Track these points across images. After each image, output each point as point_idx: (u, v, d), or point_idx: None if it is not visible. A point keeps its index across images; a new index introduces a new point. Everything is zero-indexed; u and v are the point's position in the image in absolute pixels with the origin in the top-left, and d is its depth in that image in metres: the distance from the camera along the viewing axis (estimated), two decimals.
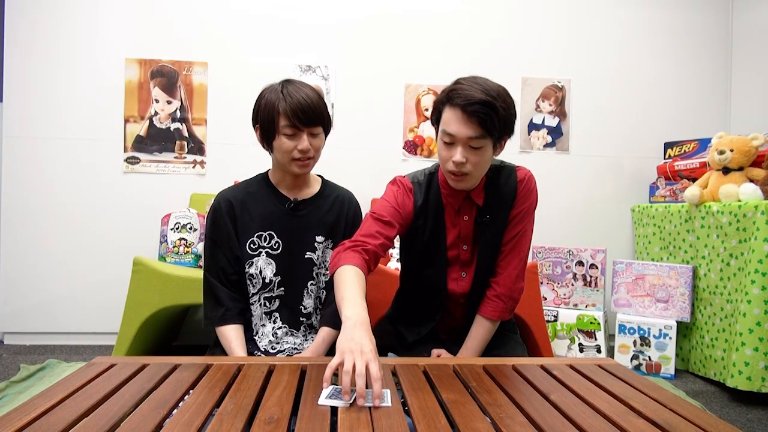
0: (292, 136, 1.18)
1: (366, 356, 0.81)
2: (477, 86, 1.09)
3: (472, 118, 1.09)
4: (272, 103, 1.18)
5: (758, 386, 1.91)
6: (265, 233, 1.26)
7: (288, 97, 1.17)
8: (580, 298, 2.54)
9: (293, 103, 1.16)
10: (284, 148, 1.19)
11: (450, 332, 1.37)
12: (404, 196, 1.24)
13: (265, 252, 1.26)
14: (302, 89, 1.20)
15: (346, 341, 0.85)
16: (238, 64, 2.70)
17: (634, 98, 2.91)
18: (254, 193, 1.29)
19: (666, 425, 0.74)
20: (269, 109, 1.18)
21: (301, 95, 1.17)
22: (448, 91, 1.14)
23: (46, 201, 2.59)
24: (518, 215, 1.26)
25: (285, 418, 0.73)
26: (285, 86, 1.19)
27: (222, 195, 1.29)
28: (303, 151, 1.19)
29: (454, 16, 2.81)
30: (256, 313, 1.26)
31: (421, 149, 2.81)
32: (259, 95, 1.23)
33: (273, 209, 1.27)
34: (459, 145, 1.12)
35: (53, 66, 2.59)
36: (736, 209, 2.09)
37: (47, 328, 2.60)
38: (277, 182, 1.30)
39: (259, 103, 1.22)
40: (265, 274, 1.25)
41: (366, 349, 0.83)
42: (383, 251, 1.18)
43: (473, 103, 1.08)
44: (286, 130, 1.17)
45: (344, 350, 0.83)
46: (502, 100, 1.10)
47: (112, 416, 0.72)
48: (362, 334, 0.87)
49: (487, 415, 0.76)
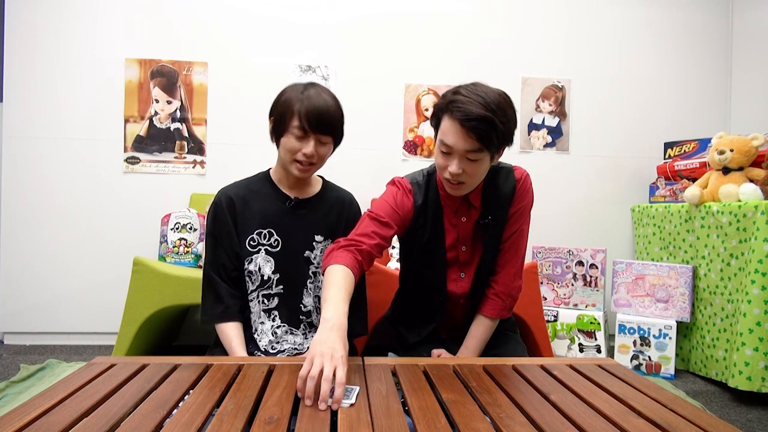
0: (300, 138, 1.20)
1: (335, 361, 0.82)
2: (477, 98, 1.06)
3: (470, 133, 1.07)
4: (290, 101, 1.20)
5: (758, 386, 1.91)
6: (265, 230, 1.26)
7: (306, 99, 1.19)
8: (580, 298, 2.54)
9: (309, 107, 1.17)
10: (289, 147, 1.21)
11: (451, 332, 1.37)
12: (403, 196, 1.24)
13: (264, 249, 1.26)
14: (323, 95, 1.21)
15: (318, 344, 0.86)
16: (238, 64, 2.70)
17: (634, 98, 2.91)
18: (255, 191, 1.30)
19: (666, 425, 0.74)
20: (286, 106, 1.20)
21: (320, 101, 1.19)
22: (448, 100, 1.11)
23: (46, 201, 2.60)
24: (515, 214, 1.26)
25: (285, 418, 0.73)
26: (307, 88, 1.22)
27: (223, 191, 1.29)
28: (307, 156, 1.20)
29: (454, 16, 2.81)
30: (255, 310, 1.26)
31: (421, 149, 2.81)
32: (283, 90, 1.25)
33: (273, 207, 1.28)
34: (456, 156, 1.11)
35: (53, 66, 2.59)
36: (736, 209, 2.09)
37: (47, 328, 2.60)
38: (278, 180, 1.31)
39: (280, 97, 1.24)
40: (264, 271, 1.25)
41: (336, 355, 0.84)
42: (378, 252, 1.18)
43: (472, 118, 1.05)
44: (295, 131, 1.19)
45: (314, 354, 0.84)
46: (502, 114, 1.07)
47: (112, 416, 0.72)
48: (336, 338, 0.88)
49: (487, 415, 0.76)
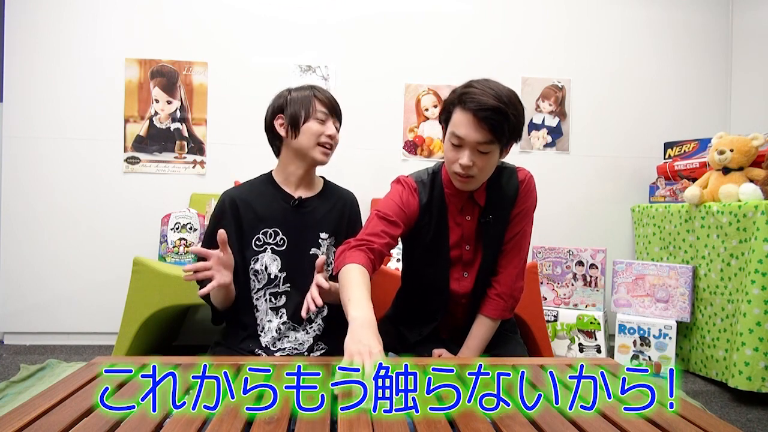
0: (323, 122, 1.29)
1: (375, 357, 0.82)
2: (490, 91, 1.09)
3: (483, 124, 1.09)
4: (307, 95, 1.30)
5: (758, 386, 1.91)
6: (271, 230, 1.29)
7: (320, 92, 1.31)
8: (580, 298, 2.54)
9: (327, 95, 1.32)
10: (314, 131, 1.28)
11: (452, 332, 1.37)
12: (409, 195, 1.24)
13: (270, 248, 1.28)
14: (327, 90, 1.36)
15: (354, 343, 0.86)
16: (238, 64, 2.70)
17: (634, 98, 2.91)
18: (259, 192, 1.32)
19: (666, 425, 0.74)
20: (303, 97, 1.29)
21: (329, 93, 1.34)
22: (460, 93, 1.13)
23: (46, 201, 2.60)
24: (519, 215, 1.27)
25: (285, 418, 0.73)
26: (314, 87, 1.33)
27: (227, 193, 1.32)
28: (330, 137, 1.30)
29: (454, 16, 2.81)
30: (262, 308, 1.26)
31: (421, 149, 2.81)
32: (282, 93, 1.33)
33: (278, 206, 1.30)
34: (467, 148, 1.12)
35: (53, 66, 2.59)
36: (736, 209, 2.09)
37: (47, 328, 2.60)
38: (281, 181, 1.34)
39: (286, 97, 1.31)
40: (271, 269, 1.27)
41: (374, 351, 0.83)
42: (388, 250, 1.18)
43: (486, 108, 1.07)
44: (320, 115, 1.28)
45: (353, 352, 0.83)
46: (513, 108, 1.10)
47: (112, 416, 0.72)
48: (370, 335, 0.88)
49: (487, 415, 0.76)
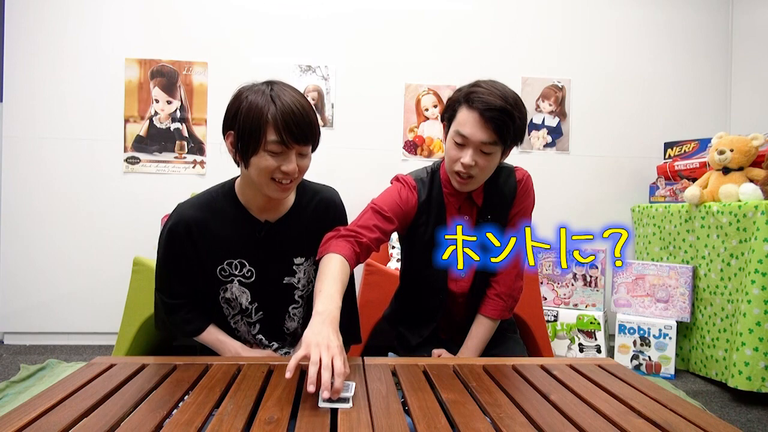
0: (278, 155, 0.98)
1: (332, 351, 0.82)
2: (497, 92, 1.10)
3: (488, 124, 1.09)
4: (259, 108, 0.96)
5: (758, 386, 1.91)
6: (235, 261, 1.10)
7: (278, 100, 0.96)
8: (580, 298, 2.54)
9: (285, 111, 0.95)
10: (264, 167, 0.99)
11: (451, 332, 1.37)
12: (408, 192, 1.24)
13: (237, 280, 1.11)
14: (291, 93, 0.99)
15: (313, 335, 0.86)
16: (238, 64, 2.69)
17: (634, 98, 2.91)
18: (219, 212, 1.10)
19: (666, 425, 0.74)
20: (255, 116, 0.96)
21: (294, 104, 0.97)
22: (466, 91, 1.13)
23: (47, 201, 2.59)
24: (517, 214, 1.27)
25: (285, 418, 0.73)
26: (272, 87, 0.99)
27: (179, 214, 1.09)
28: (287, 174, 0.99)
29: (454, 16, 2.81)
30: (243, 329, 1.18)
31: (421, 149, 2.81)
32: (237, 95, 1.01)
33: (242, 234, 1.10)
34: (470, 147, 1.12)
35: (53, 66, 2.59)
36: (736, 209, 2.09)
37: (47, 328, 2.60)
38: (246, 202, 1.11)
39: (238, 104, 0.99)
40: (241, 300, 1.13)
41: (332, 345, 0.84)
42: (377, 246, 1.18)
43: (493, 108, 1.08)
44: (273, 147, 0.97)
45: (311, 343, 0.84)
46: (518, 110, 1.11)
47: (112, 416, 0.72)
48: (329, 330, 0.88)
49: (487, 415, 0.76)
